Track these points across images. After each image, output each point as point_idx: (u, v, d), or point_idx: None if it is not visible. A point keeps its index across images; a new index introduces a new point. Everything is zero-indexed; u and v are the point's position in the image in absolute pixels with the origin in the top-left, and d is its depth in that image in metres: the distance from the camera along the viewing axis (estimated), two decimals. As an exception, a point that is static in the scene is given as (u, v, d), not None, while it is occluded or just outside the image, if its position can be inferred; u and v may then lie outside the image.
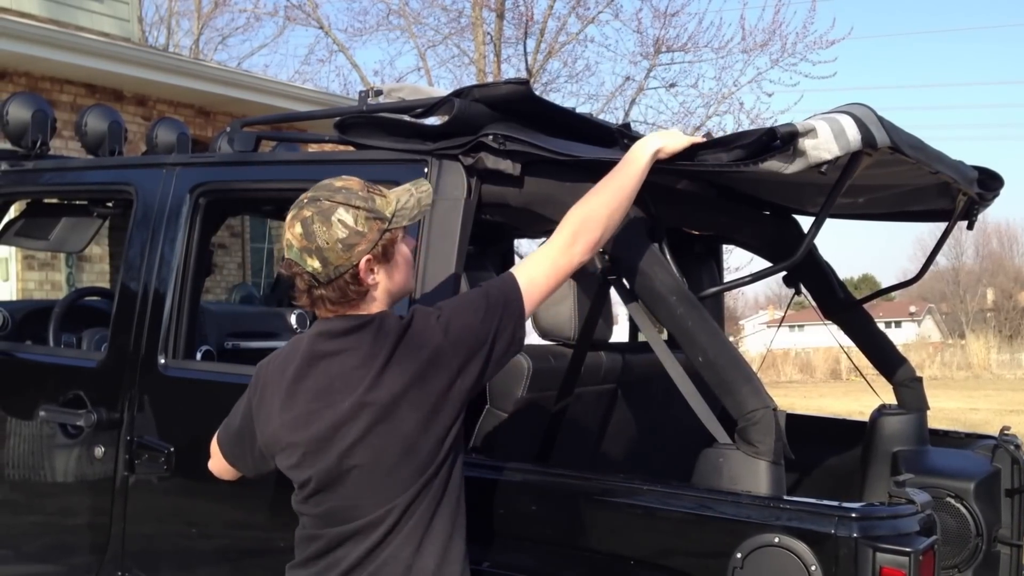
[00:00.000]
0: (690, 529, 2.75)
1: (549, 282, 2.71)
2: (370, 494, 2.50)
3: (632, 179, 2.79)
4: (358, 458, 2.48)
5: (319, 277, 2.48)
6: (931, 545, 2.56)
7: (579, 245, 2.70)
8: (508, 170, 3.10)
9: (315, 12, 20.86)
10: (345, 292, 2.50)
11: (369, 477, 2.49)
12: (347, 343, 2.53)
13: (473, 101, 3.14)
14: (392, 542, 2.50)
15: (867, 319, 4.34)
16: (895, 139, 2.80)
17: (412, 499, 2.50)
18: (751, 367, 2.91)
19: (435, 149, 3.18)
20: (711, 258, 4.51)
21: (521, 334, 2.65)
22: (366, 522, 2.50)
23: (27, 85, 10.04)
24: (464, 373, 2.54)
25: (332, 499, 2.53)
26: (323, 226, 2.46)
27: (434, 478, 2.52)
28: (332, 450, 2.49)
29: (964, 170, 3.52)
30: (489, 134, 3.08)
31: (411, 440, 2.48)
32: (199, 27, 25.17)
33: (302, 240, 2.47)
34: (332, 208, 2.48)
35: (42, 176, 4.33)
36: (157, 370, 3.67)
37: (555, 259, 2.70)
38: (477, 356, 2.56)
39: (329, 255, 2.46)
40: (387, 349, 2.50)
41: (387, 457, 2.48)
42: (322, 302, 2.53)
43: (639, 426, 3.97)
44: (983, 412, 17.71)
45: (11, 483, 4.02)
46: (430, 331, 2.54)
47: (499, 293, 2.64)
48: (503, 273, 2.76)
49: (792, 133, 2.68)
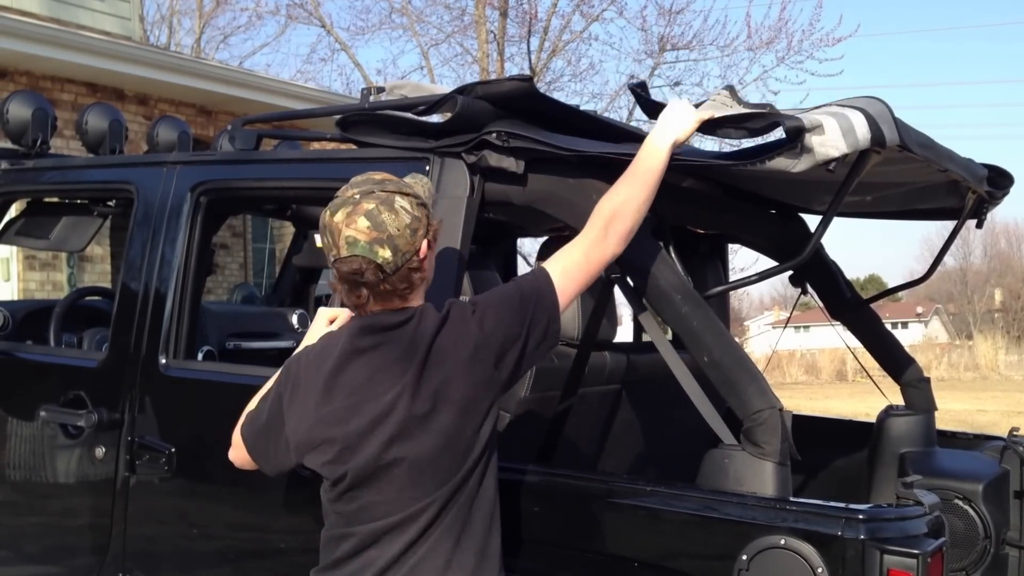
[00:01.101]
0: (695, 531, 2.73)
1: (584, 275, 2.73)
2: (409, 488, 2.50)
3: (654, 171, 2.79)
4: (397, 451, 2.48)
5: (387, 267, 2.49)
6: (940, 547, 2.53)
7: (612, 237, 2.72)
8: (511, 168, 3.08)
9: (317, 11, 20.84)
10: (410, 279, 2.53)
11: (408, 471, 2.49)
12: (388, 337, 2.54)
13: (476, 98, 3.12)
14: (431, 537, 2.51)
15: (874, 319, 4.31)
16: (905, 137, 2.76)
17: (451, 493, 2.51)
18: (757, 367, 2.88)
19: (437, 147, 3.16)
20: (716, 257, 4.48)
21: (556, 326, 2.66)
22: (403, 517, 2.50)
23: (28, 84, 10.03)
24: (500, 366, 2.57)
25: (368, 495, 2.52)
26: (391, 214, 2.49)
27: (472, 472, 2.53)
28: (372, 444, 2.49)
29: (974, 168, 3.49)
30: (492, 131, 3.05)
31: (449, 433, 2.49)
32: (200, 26, 25.20)
33: (371, 232, 2.47)
34: (391, 197, 2.51)
35: (43, 175, 4.32)
36: (158, 370, 3.65)
37: (588, 251, 2.72)
38: (512, 349, 2.58)
39: (399, 242, 2.49)
40: (426, 342, 2.52)
41: (427, 451, 2.48)
42: (386, 296, 2.54)
43: (643, 427, 3.95)
44: (991, 414, 17.65)
45: (12, 484, 4.00)
46: (467, 324, 2.56)
47: (532, 287, 2.66)
48: (535, 267, 2.78)
49: (798, 128, 2.65)
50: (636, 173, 2.78)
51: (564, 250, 2.76)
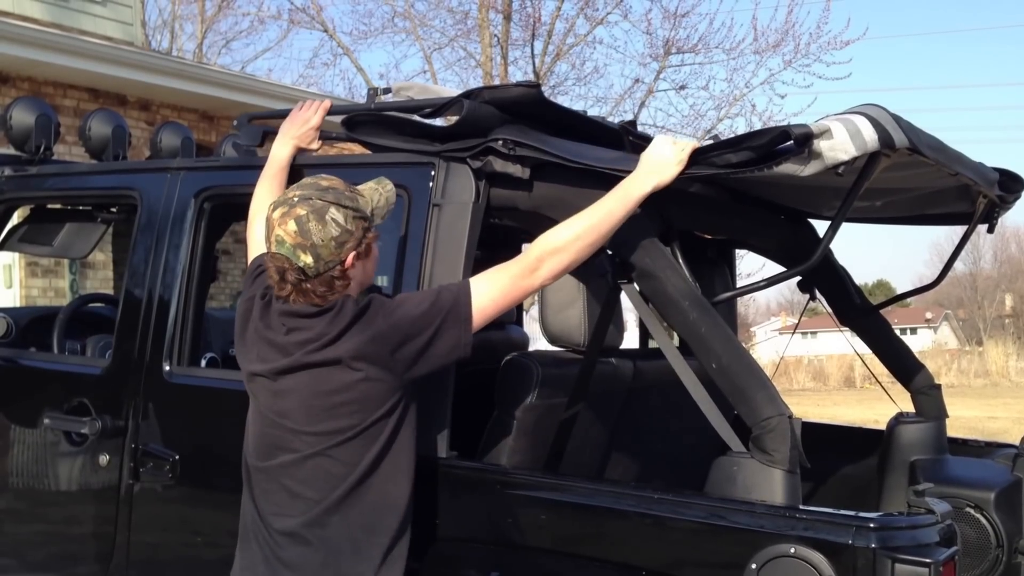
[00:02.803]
0: (703, 539, 2.72)
1: (506, 300, 2.83)
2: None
3: (616, 217, 2.82)
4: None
5: (308, 271, 2.67)
6: (951, 556, 2.51)
7: (543, 272, 2.81)
8: (517, 174, 3.07)
9: (319, 15, 20.81)
10: (331, 285, 2.71)
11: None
12: (307, 323, 2.71)
13: (483, 103, 3.11)
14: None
15: (884, 325, 4.29)
16: (913, 139, 2.74)
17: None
18: (765, 373, 2.85)
19: (443, 151, 3.14)
20: (724, 262, 4.46)
21: (467, 339, 2.76)
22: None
23: (30, 90, 10.01)
24: (396, 355, 2.69)
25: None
26: (318, 224, 2.65)
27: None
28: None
29: (984, 172, 3.46)
30: (498, 139, 3.04)
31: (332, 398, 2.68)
32: (202, 31, 25.18)
33: (296, 237, 2.65)
34: (325, 207, 2.67)
35: (45, 181, 4.31)
36: (162, 377, 3.63)
37: (515, 278, 2.81)
38: (408, 344, 2.70)
39: (322, 251, 2.66)
40: (340, 327, 2.68)
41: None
42: (309, 294, 2.70)
43: (651, 434, 3.92)
44: (1002, 420, 17.56)
45: (15, 491, 3.99)
46: (376, 314, 2.71)
47: (449, 296, 2.77)
48: (461, 281, 2.88)
49: (807, 135, 2.65)
50: (595, 214, 2.80)
51: (493, 272, 2.83)
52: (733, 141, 2.81)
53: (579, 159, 3.02)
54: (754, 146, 2.74)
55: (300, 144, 3.45)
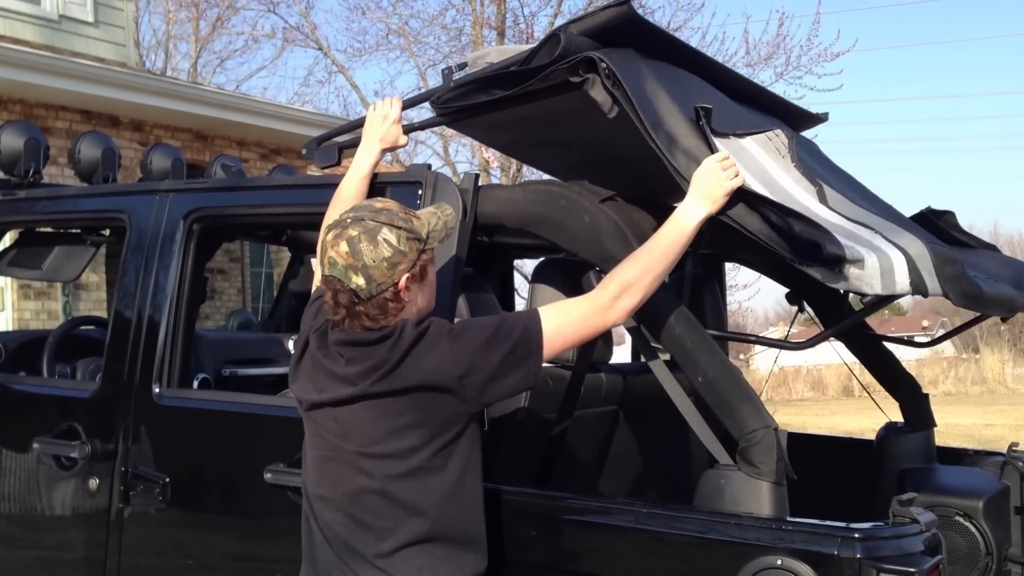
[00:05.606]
0: (692, 552, 2.73)
1: (576, 336, 2.74)
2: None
3: (678, 246, 2.74)
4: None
5: (361, 294, 2.58)
6: (936, 565, 2.53)
7: (618, 309, 2.70)
8: (604, 104, 2.90)
9: (313, 33, 20.96)
10: (385, 308, 2.61)
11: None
12: (367, 352, 2.61)
13: (576, 36, 2.98)
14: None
15: (872, 336, 4.29)
16: (947, 288, 2.76)
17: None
18: (751, 386, 2.87)
19: (548, 72, 2.98)
20: (713, 276, 4.46)
21: (537, 369, 2.66)
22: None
23: (22, 112, 10.00)
24: (465, 381, 2.60)
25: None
26: (370, 245, 2.57)
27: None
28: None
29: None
30: (603, 61, 2.86)
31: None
32: (197, 50, 25.24)
33: (348, 258, 2.57)
34: (377, 228, 2.59)
35: (35, 205, 4.31)
36: (152, 399, 3.63)
37: (587, 316, 2.71)
38: (478, 370, 2.60)
39: (374, 273, 2.57)
40: (401, 351, 2.59)
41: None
42: (362, 317, 2.61)
43: (640, 448, 3.92)
44: (998, 428, 17.52)
45: (5, 516, 3.99)
46: (439, 337, 2.62)
47: (517, 324, 2.67)
48: (532, 308, 2.78)
49: (839, 257, 2.66)
50: (659, 246, 2.72)
51: (565, 305, 2.77)
52: (777, 228, 2.76)
53: (655, 126, 2.86)
54: (794, 243, 2.72)
55: (386, 145, 3.29)
